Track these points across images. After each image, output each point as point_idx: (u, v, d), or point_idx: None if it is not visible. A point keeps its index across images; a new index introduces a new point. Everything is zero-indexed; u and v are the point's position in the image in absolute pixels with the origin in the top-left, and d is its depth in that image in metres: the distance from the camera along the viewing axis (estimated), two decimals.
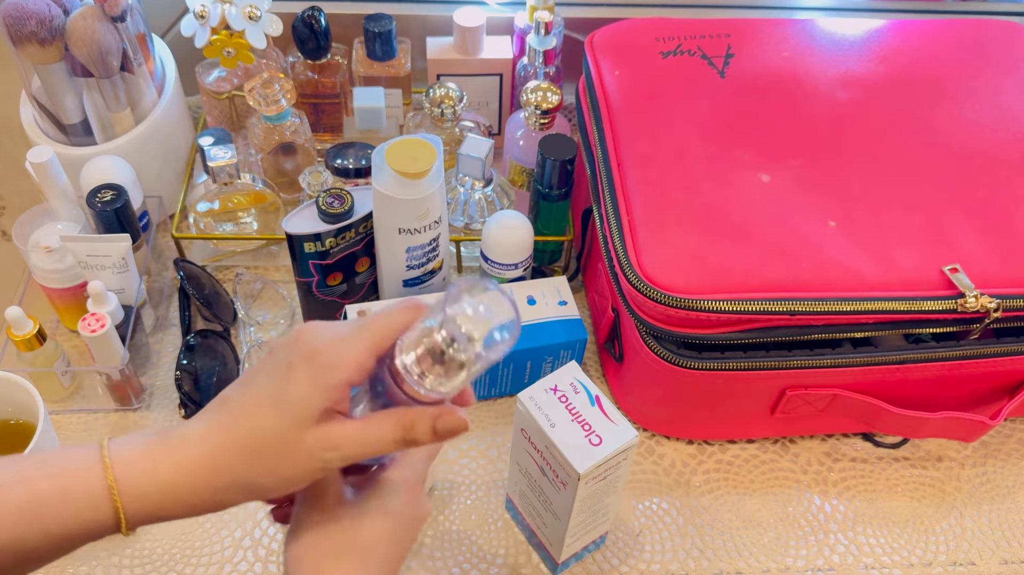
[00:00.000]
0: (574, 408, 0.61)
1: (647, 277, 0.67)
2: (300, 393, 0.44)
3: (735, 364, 0.69)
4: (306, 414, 0.44)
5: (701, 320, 0.66)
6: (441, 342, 0.43)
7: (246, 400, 0.45)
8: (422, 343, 0.44)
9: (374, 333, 0.45)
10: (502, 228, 0.78)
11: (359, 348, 0.45)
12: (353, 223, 0.76)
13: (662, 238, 0.68)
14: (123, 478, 0.44)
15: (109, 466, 0.44)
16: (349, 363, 0.44)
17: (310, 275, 0.78)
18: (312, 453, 0.44)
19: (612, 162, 0.75)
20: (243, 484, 0.45)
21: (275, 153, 0.88)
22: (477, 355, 0.43)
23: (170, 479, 0.44)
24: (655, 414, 0.78)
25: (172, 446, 0.45)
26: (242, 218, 0.86)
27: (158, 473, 0.44)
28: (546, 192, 0.82)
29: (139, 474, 0.44)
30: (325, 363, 0.44)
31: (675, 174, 0.73)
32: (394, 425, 0.45)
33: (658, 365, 0.70)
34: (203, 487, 0.44)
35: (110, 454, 0.45)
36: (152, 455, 0.45)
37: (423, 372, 0.44)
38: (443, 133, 0.86)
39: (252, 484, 0.45)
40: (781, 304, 0.65)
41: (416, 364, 0.44)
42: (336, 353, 0.44)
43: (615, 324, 0.77)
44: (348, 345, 0.45)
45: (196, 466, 0.44)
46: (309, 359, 0.44)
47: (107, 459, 0.44)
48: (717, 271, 0.67)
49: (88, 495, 0.44)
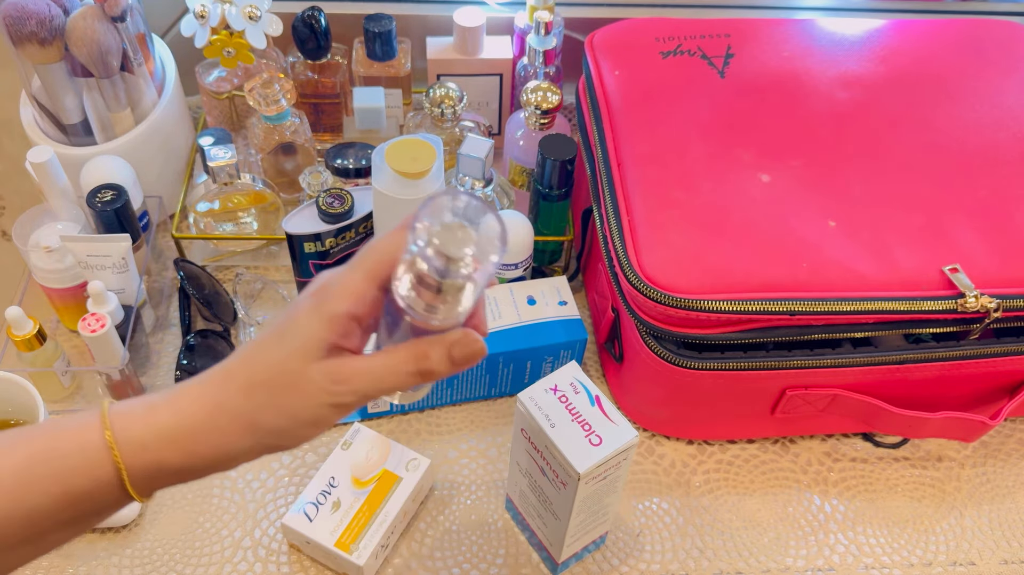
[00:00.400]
0: (574, 408, 0.60)
1: (647, 277, 0.67)
2: (303, 325, 0.43)
3: (735, 364, 0.69)
4: (309, 346, 0.42)
5: (701, 320, 0.66)
6: (424, 269, 0.41)
7: (254, 340, 0.45)
8: (409, 270, 0.42)
9: (368, 260, 0.44)
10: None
11: (354, 277, 0.43)
12: (353, 223, 0.76)
13: (662, 238, 0.68)
14: (120, 429, 0.42)
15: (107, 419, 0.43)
16: (347, 292, 0.43)
17: (310, 275, 0.78)
18: (320, 386, 0.42)
19: (612, 162, 0.75)
20: (246, 423, 0.42)
21: (275, 153, 0.88)
22: (464, 277, 0.41)
23: (168, 423, 0.42)
24: (655, 414, 0.77)
25: (173, 393, 0.44)
26: (242, 218, 0.86)
27: (156, 418, 0.43)
28: (546, 192, 0.82)
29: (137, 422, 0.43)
30: (326, 296, 0.43)
31: (675, 174, 0.72)
32: (407, 356, 0.44)
33: (658, 365, 0.70)
34: (204, 428, 0.42)
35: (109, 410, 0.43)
36: (152, 404, 0.44)
37: (418, 299, 0.42)
38: (443, 133, 0.86)
39: (256, 423, 0.42)
40: (781, 304, 0.65)
41: (410, 292, 0.42)
42: (336, 284, 0.44)
43: (615, 324, 0.76)
44: (344, 275, 0.44)
45: (196, 407, 0.43)
46: (313, 295, 0.44)
47: (106, 414, 0.43)
48: (717, 271, 0.66)
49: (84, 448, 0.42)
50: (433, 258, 0.40)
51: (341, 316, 0.43)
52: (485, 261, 0.40)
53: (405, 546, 0.71)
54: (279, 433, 0.43)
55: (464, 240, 0.40)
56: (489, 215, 0.41)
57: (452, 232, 0.40)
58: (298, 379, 0.42)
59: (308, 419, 0.43)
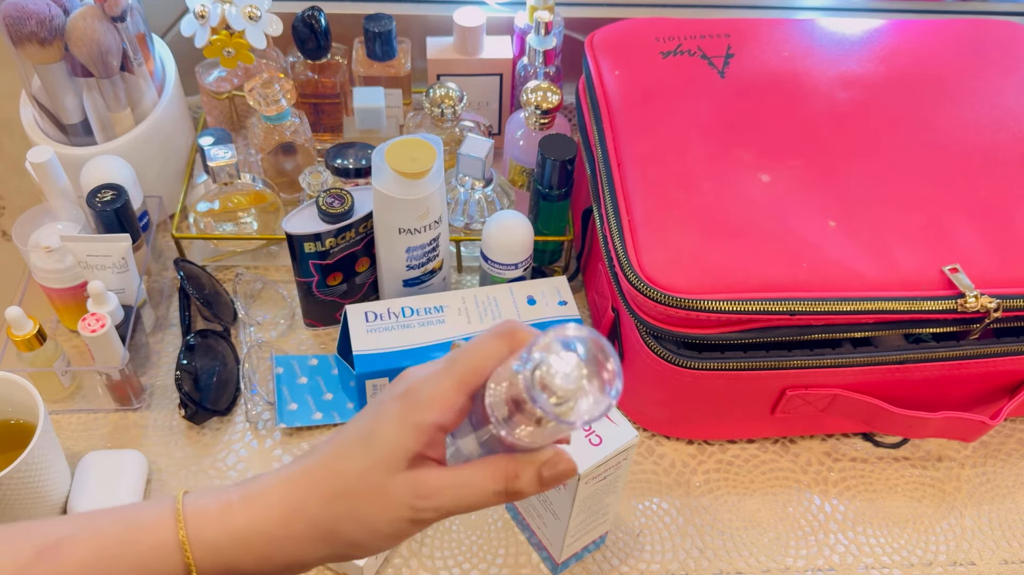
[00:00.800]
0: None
1: (647, 277, 0.66)
2: (389, 433, 0.41)
3: (735, 364, 0.69)
4: (395, 456, 0.41)
5: (701, 320, 0.66)
6: (525, 396, 0.38)
7: (336, 443, 0.43)
8: (508, 389, 0.40)
9: (460, 367, 0.42)
10: (502, 228, 0.77)
11: (444, 386, 0.41)
12: (353, 223, 0.76)
13: (662, 238, 0.68)
14: (195, 528, 0.41)
15: (182, 516, 0.42)
16: (436, 402, 0.41)
17: (310, 275, 0.78)
18: (402, 500, 0.41)
19: (612, 162, 0.74)
20: (324, 532, 0.41)
21: (275, 153, 0.88)
22: (561, 416, 0.38)
23: (244, 526, 0.41)
24: (655, 414, 0.77)
25: (249, 492, 0.42)
26: (242, 218, 0.86)
27: (232, 520, 0.41)
28: (546, 192, 0.81)
29: (212, 522, 0.41)
30: (414, 403, 0.41)
31: (675, 174, 0.72)
32: (494, 474, 0.42)
33: (658, 365, 0.70)
34: (279, 535, 0.41)
35: (184, 505, 0.42)
36: (228, 503, 0.42)
37: (511, 418, 0.40)
38: (443, 133, 0.86)
39: (334, 534, 0.41)
40: (781, 304, 0.65)
41: (504, 409, 0.40)
42: (424, 392, 0.42)
43: (615, 324, 0.76)
44: (434, 382, 0.42)
45: (273, 512, 0.41)
46: (400, 399, 0.42)
47: (180, 509, 0.42)
48: (717, 271, 0.66)
49: (156, 546, 0.41)
50: (539, 394, 0.38)
51: (429, 426, 0.41)
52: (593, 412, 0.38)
53: (405, 546, 0.71)
54: (356, 545, 0.42)
55: (577, 382, 0.38)
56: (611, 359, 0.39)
57: (568, 370, 0.38)
58: (381, 491, 0.41)
59: (387, 533, 0.42)
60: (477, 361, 0.41)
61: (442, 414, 0.41)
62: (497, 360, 0.41)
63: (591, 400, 0.38)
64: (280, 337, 0.84)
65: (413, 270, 0.78)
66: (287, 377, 0.78)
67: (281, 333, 0.84)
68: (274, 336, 0.84)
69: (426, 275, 0.79)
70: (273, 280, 0.88)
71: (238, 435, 0.77)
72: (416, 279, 0.79)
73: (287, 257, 0.87)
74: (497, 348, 0.42)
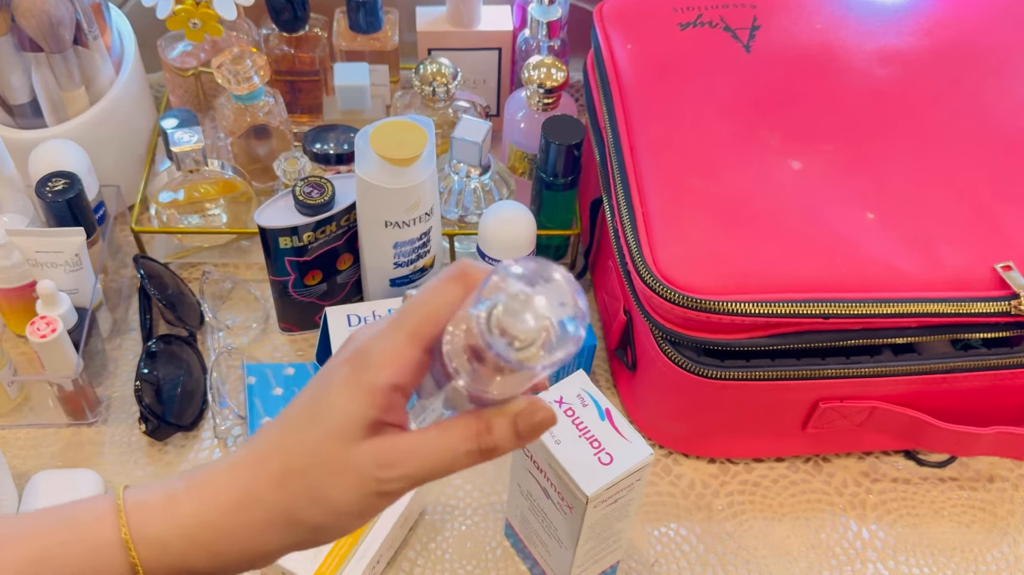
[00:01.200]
0: (582, 423, 0.60)
1: (663, 276, 0.66)
2: (340, 401, 0.41)
3: (762, 373, 0.68)
4: (349, 425, 0.40)
5: (724, 324, 0.66)
6: (483, 343, 0.38)
7: (284, 420, 0.42)
8: (465, 336, 0.40)
9: (411, 319, 0.41)
10: (501, 221, 0.77)
11: (396, 341, 0.41)
12: (334, 215, 0.76)
13: (680, 232, 0.68)
14: (137, 523, 0.41)
15: (123, 511, 0.41)
16: (389, 360, 0.41)
17: (286, 274, 0.78)
18: (364, 472, 0.40)
19: (624, 147, 0.74)
20: (281, 518, 0.41)
21: (247, 137, 0.87)
22: (525, 362, 0.38)
23: (190, 518, 0.41)
24: (672, 429, 0.77)
25: (195, 480, 0.42)
26: (210, 210, 0.86)
27: (177, 512, 0.41)
28: (550, 180, 0.81)
29: (156, 516, 0.41)
30: (364, 364, 0.41)
31: (695, 160, 0.72)
32: (464, 433, 0.41)
33: (675, 374, 0.70)
34: (231, 526, 0.41)
35: (125, 500, 0.42)
36: (173, 494, 0.42)
37: (473, 369, 0.40)
38: (435, 114, 0.85)
39: (292, 519, 0.41)
40: (813, 306, 0.65)
41: (464, 359, 0.40)
42: (374, 351, 0.41)
43: (627, 328, 0.76)
44: (384, 339, 0.41)
45: (220, 499, 0.41)
46: (349, 362, 0.42)
47: (121, 504, 0.42)
48: (742, 269, 0.66)
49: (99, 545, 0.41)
50: (496, 340, 0.38)
51: (384, 388, 0.41)
52: (552, 352, 0.38)
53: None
54: (319, 529, 0.41)
55: (538, 321, 0.38)
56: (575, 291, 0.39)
57: (521, 307, 0.38)
58: (339, 466, 0.40)
59: (352, 511, 0.41)
60: (429, 310, 0.41)
61: (397, 373, 0.41)
62: (452, 306, 0.41)
63: (555, 339, 0.38)
64: (252, 343, 0.84)
65: (401, 268, 0.78)
66: (260, 388, 0.78)
67: (253, 339, 0.84)
68: (245, 342, 0.84)
69: (416, 274, 0.79)
70: (244, 279, 0.88)
71: (205, 453, 0.77)
72: (405, 278, 0.79)
73: (260, 254, 0.87)
74: (451, 293, 0.41)
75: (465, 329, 0.39)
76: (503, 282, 0.38)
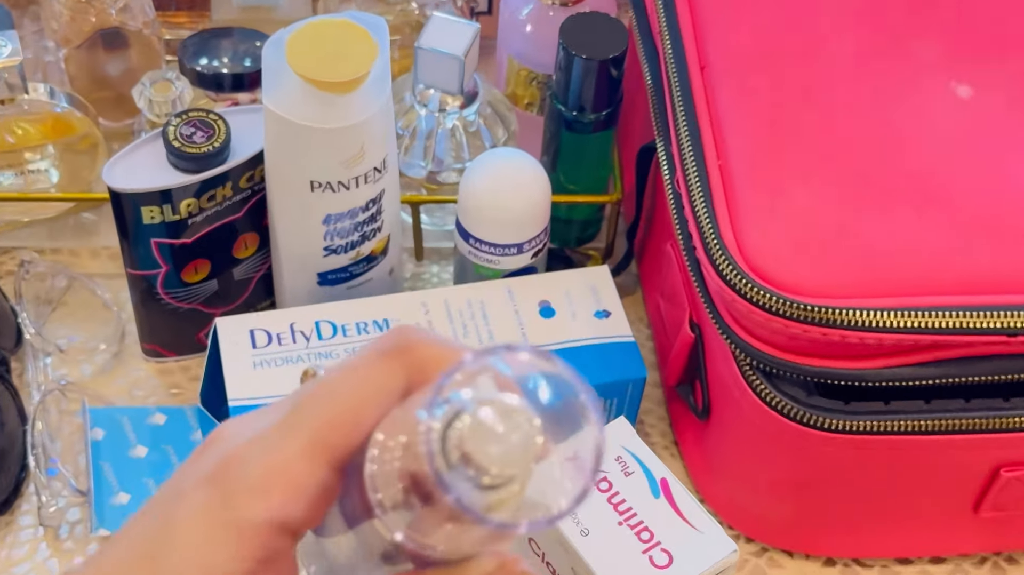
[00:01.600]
0: (623, 502, 0.60)
1: (753, 268, 0.64)
2: (189, 546, 0.39)
3: (910, 423, 0.66)
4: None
5: (852, 345, 0.63)
6: (433, 475, 0.36)
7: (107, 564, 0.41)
8: (404, 456, 0.38)
9: (315, 417, 0.40)
10: (496, 181, 0.76)
11: (287, 450, 0.39)
12: (229, 172, 0.74)
13: (780, 200, 0.66)
14: None
15: None
16: (273, 482, 0.39)
17: (153, 265, 0.76)
18: None
19: (691, 63, 0.72)
20: None
21: (91, 47, 0.84)
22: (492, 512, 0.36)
23: None
24: (769, 513, 0.75)
25: None
26: (32, 162, 0.84)
27: None
28: (573, 117, 0.79)
29: None
30: (231, 488, 0.39)
31: (803, 85, 0.70)
32: None
33: (773, 424, 0.67)
34: None
35: None
36: None
37: (411, 508, 0.39)
38: (389, 12, 0.84)
39: None
40: (994, 316, 0.63)
41: (398, 491, 0.38)
42: (251, 463, 0.39)
43: (696, 352, 0.74)
44: (269, 445, 0.40)
45: None
46: (211, 480, 0.39)
47: None
48: (877, 259, 0.64)
49: None
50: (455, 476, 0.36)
51: (261, 528, 0.39)
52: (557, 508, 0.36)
53: None
54: None
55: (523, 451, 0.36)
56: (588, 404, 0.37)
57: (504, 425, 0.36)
58: None
59: None
60: (345, 405, 0.39)
61: (285, 503, 0.39)
62: (383, 401, 0.39)
63: (549, 481, 0.36)
64: (99, 375, 0.82)
65: (336, 256, 0.77)
66: (111, 446, 0.76)
67: (101, 367, 0.82)
68: (88, 373, 0.82)
69: (358, 264, 0.78)
70: (86, 274, 0.85)
71: (24, 549, 0.76)
72: (341, 271, 0.78)
73: (111, 233, 0.82)
74: (383, 378, 0.40)
75: (405, 444, 0.37)
76: (479, 375, 0.36)
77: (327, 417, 0.39)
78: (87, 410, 0.79)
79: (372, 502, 0.38)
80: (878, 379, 0.66)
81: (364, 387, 0.39)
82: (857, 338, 0.63)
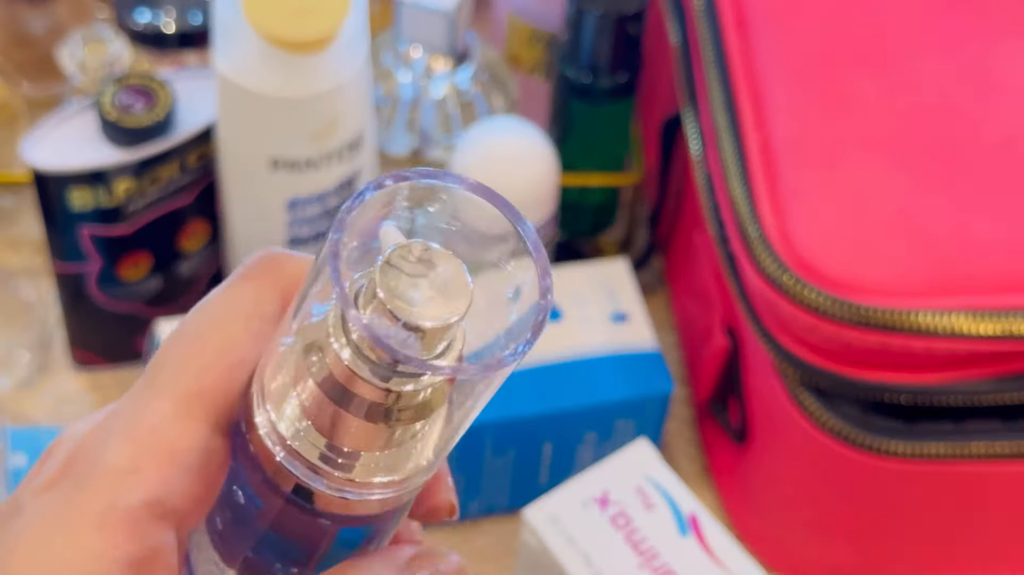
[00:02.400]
0: (644, 540, 0.64)
1: (799, 262, 0.66)
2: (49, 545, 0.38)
3: (986, 449, 0.67)
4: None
5: (917, 354, 0.64)
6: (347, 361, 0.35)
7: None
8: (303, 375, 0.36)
9: (181, 366, 0.38)
10: (492, 159, 0.77)
11: (155, 415, 0.37)
12: (174, 149, 0.76)
13: (830, 179, 0.68)
14: None
15: None
16: (140, 454, 0.37)
17: (84, 258, 0.78)
18: None
19: (725, 19, 0.74)
20: None
21: (9, 1, 0.85)
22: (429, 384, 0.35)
23: None
24: (816, 553, 0.76)
25: None
26: None
27: None
28: (584, 85, 0.80)
29: None
30: (86, 478, 0.37)
31: (859, 42, 0.72)
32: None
33: (823, 448, 0.69)
34: None
35: None
36: None
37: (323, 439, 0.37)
38: None
39: None
40: None
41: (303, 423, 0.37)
42: (112, 443, 0.38)
43: (732, 362, 0.75)
44: (131, 417, 0.38)
45: None
46: (54, 483, 0.38)
47: None
48: (952, 252, 0.66)
49: None
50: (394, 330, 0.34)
51: (129, 515, 0.36)
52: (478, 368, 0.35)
53: None
54: None
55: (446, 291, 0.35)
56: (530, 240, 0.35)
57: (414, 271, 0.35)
58: None
59: None
60: (213, 342, 0.38)
61: (161, 477, 0.37)
62: (256, 329, 0.38)
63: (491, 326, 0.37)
64: (21, 388, 0.84)
65: (301, 246, 0.78)
66: None
67: (24, 380, 0.84)
68: (7, 387, 0.83)
69: None
70: (5, 270, 0.87)
71: None
72: None
73: (33, 221, 0.87)
74: (251, 304, 0.38)
75: (300, 350, 0.36)
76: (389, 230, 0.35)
77: (195, 361, 0.38)
78: (7, 431, 0.79)
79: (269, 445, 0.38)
80: (948, 395, 0.67)
81: (232, 316, 0.39)
82: (923, 346, 0.65)
